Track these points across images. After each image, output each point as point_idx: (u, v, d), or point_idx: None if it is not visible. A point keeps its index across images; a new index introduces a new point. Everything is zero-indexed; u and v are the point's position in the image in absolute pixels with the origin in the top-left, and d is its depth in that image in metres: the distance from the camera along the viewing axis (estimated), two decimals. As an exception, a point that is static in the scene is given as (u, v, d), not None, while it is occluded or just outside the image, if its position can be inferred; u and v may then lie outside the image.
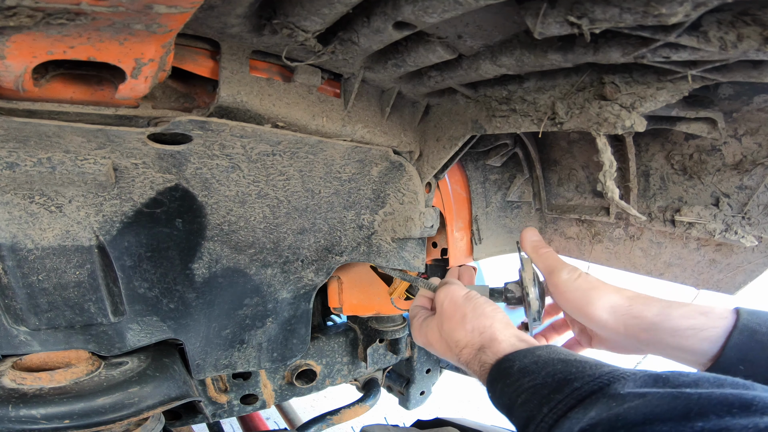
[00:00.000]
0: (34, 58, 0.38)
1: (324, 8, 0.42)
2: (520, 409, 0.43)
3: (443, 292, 0.61)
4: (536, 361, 0.46)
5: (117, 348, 0.65)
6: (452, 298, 0.60)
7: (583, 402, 0.38)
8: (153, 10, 0.33)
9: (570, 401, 0.39)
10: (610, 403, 0.36)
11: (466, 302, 0.58)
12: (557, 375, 0.43)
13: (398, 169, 0.72)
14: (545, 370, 0.44)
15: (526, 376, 0.45)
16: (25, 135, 0.47)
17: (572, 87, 0.51)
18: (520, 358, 0.48)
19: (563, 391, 0.40)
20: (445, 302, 0.59)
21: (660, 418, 0.33)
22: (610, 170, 0.44)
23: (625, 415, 0.34)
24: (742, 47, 0.36)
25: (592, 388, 0.39)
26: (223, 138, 0.55)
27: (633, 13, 0.35)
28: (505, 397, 0.46)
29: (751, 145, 0.55)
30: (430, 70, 0.58)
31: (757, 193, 0.55)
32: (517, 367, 0.47)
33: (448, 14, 0.40)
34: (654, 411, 0.34)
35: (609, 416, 0.35)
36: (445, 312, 0.59)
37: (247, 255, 0.69)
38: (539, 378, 0.44)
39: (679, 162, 0.62)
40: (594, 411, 0.37)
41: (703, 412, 0.32)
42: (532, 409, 0.42)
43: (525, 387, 0.44)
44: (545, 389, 0.42)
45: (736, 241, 0.56)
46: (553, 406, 0.40)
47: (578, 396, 0.39)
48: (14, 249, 0.53)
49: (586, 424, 0.36)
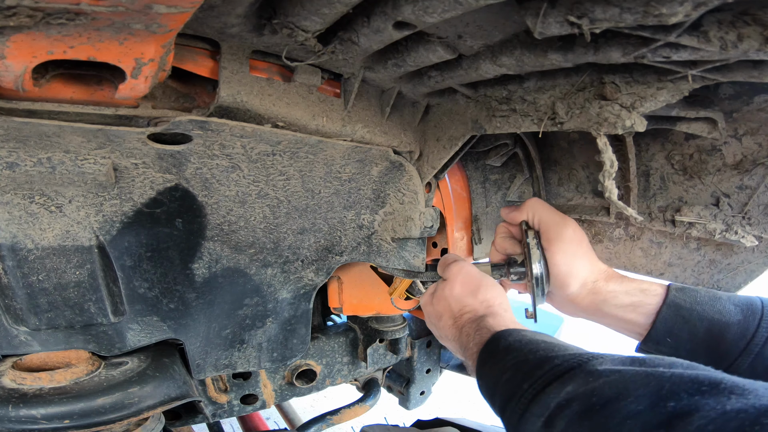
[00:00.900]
0: (34, 58, 0.38)
1: (324, 8, 0.42)
2: (503, 386, 0.45)
3: (458, 265, 0.66)
4: (520, 339, 0.50)
5: (117, 348, 0.65)
6: (467, 271, 0.66)
7: (562, 377, 0.40)
8: (153, 10, 0.33)
9: (549, 377, 0.41)
10: (587, 379, 0.38)
11: (482, 278, 0.64)
12: (539, 353, 0.45)
13: (398, 169, 0.72)
14: (528, 347, 0.47)
15: (510, 353, 0.48)
16: (25, 135, 0.47)
17: (572, 87, 0.51)
18: (505, 336, 0.52)
19: (543, 368, 0.42)
20: (461, 274, 0.65)
21: (633, 394, 0.34)
22: (610, 170, 0.44)
23: (600, 390, 0.36)
24: (743, 47, 0.36)
25: (571, 364, 0.41)
26: (223, 138, 0.55)
27: (633, 13, 0.35)
28: (491, 378, 0.49)
29: (752, 145, 0.55)
30: (430, 70, 0.58)
31: (758, 193, 0.55)
32: (502, 345, 0.50)
33: (449, 14, 0.40)
34: (627, 387, 0.35)
35: (585, 390, 0.37)
36: (459, 280, 0.64)
37: (247, 255, 0.69)
38: (521, 355, 0.46)
39: (680, 162, 0.62)
40: (571, 386, 0.38)
41: (674, 390, 0.33)
42: (513, 387, 0.44)
43: (509, 365, 0.46)
44: (527, 366, 0.44)
45: (737, 241, 0.57)
46: (533, 381, 0.41)
47: (557, 372, 0.41)
48: (14, 249, 0.53)
49: (563, 398, 0.38)
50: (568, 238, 0.62)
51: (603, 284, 0.63)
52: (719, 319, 0.56)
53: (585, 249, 0.64)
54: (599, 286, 0.63)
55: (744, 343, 0.54)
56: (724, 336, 0.55)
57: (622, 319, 0.62)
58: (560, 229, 0.63)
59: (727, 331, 0.55)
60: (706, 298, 0.58)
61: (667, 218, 0.65)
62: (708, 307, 0.57)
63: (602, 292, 0.63)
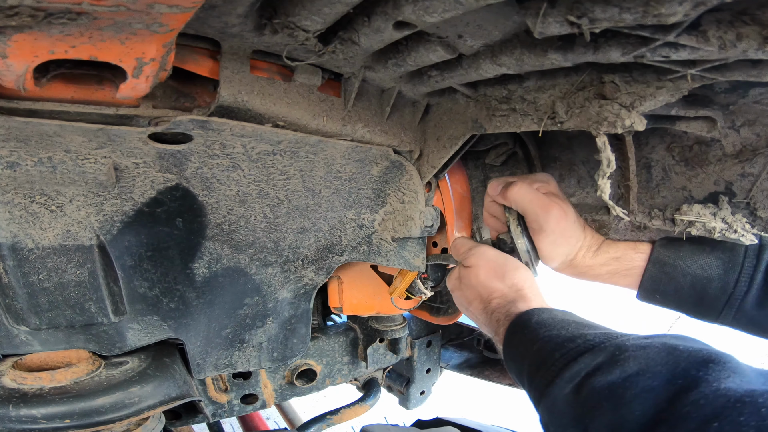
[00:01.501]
0: (36, 58, 0.38)
1: (325, 8, 0.42)
2: (534, 355, 0.48)
3: (478, 250, 0.67)
4: (552, 317, 0.51)
5: (117, 348, 0.65)
6: (488, 256, 0.66)
7: (593, 350, 0.43)
8: (154, 9, 0.33)
9: (581, 349, 0.44)
10: (615, 353, 0.41)
11: (506, 260, 0.65)
12: (570, 328, 0.48)
13: (398, 169, 0.72)
14: (560, 324, 0.50)
15: (541, 327, 0.50)
16: (26, 134, 0.47)
17: (572, 86, 0.51)
18: (538, 313, 0.53)
19: (575, 341, 0.45)
20: (482, 259, 0.66)
21: (652, 370, 0.38)
22: (606, 170, 0.44)
23: (624, 363, 0.40)
24: (742, 46, 0.36)
25: (601, 339, 0.44)
26: (223, 137, 0.55)
27: (633, 13, 0.35)
28: (521, 346, 0.51)
29: (750, 135, 0.56)
30: (431, 70, 0.58)
31: (761, 179, 0.55)
32: (534, 320, 0.52)
33: (449, 14, 0.40)
34: (648, 363, 0.39)
35: (611, 362, 0.40)
36: (483, 266, 0.65)
37: (247, 254, 0.69)
38: (554, 330, 0.49)
39: (680, 153, 0.62)
40: (601, 357, 0.42)
41: (687, 367, 0.37)
42: (544, 355, 0.46)
43: (540, 336, 0.49)
44: (559, 338, 0.47)
45: (736, 240, 0.57)
46: (564, 352, 0.45)
47: (588, 345, 0.44)
48: (15, 248, 0.53)
49: (591, 368, 0.41)
50: (550, 229, 0.63)
51: (581, 259, 0.66)
52: (701, 274, 0.57)
53: (567, 234, 0.65)
54: (578, 260, 0.66)
55: (725, 297, 0.55)
56: (706, 291, 0.57)
57: (609, 282, 0.66)
58: (542, 220, 0.63)
59: (708, 286, 0.56)
60: (689, 252, 0.59)
61: (667, 217, 0.65)
62: (690, 262, 0.58)
63: (580, 266, 0.66)
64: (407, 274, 0.85)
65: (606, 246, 0.67)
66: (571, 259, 0.66)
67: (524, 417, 2.58)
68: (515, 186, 0.65)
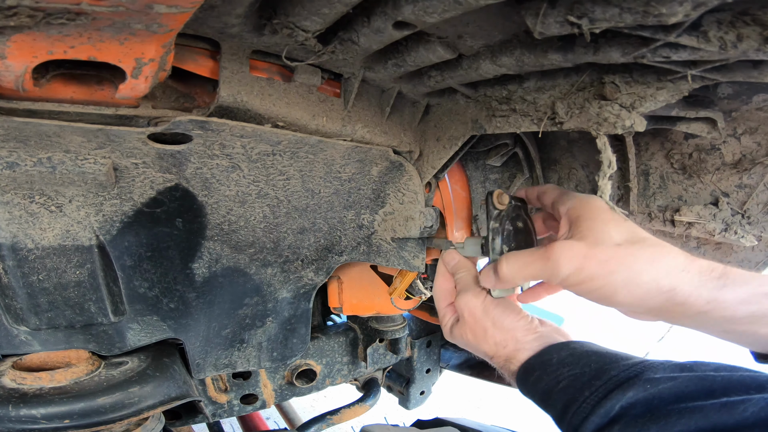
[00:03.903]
0: (35, 58, 0.38)
1: (324, 8, 0.42)
2: (560, 393, 0.48)
3: (462, 301, 0.60)
4: (572, 353, 0.51)
5: (117, 348, 0.65)
6: (471, 310, 0.59)
7: (622, 386, 0.43)
8: (153, 9, 0.33)
9: (609, 386, 0.44)
10: (646, 386, 0.42)
11: (485, 316, 0.58)
12: (593, 365, 0.48)
13: (398, 169, 0.72)
14: (582, 361, 0.49)
15: (564, 366, 0.49)
16: (25, 135, 0.47)
17: (572, 87, 0.51)
18: (557, 350, 0.52)
19: (602, 378, 0.45)
20: (465, 313, 0.60)
21: (689, 396, 0.39)
22: (607, 170, 0.44)
23: (659, 394, 0.40)
24: (742, 47, 0.36)
25: (628, 375, 0.44)
26: (223, 138, 0.55)
27: (633, 13, 0.35)
28: (542, 383, 0.50)
29: (751, 144, 0.56)
30: (430, 70, 0.58)
31: (757, 191, 0.55)
32: (555, 359, 0.51)
33: (449, 14, 0.40)
34: (684, 391, 0.40)
35: (646, 396, 0.41)
36: (468, 324, 0.60)
37: (247, 254, 0.69)
38: (577, 368, 0.48)
39: (679, 161, 0.62)
40: (632, 392, 0.42)
41: (725, 391, 0.38)
42: (573, 393, 0.46)
43: (564, 375, 0.48)
44: (585, 377, 0.47)
45: (736, 241, 0.57)
46: (593, 390, 0.44)
47: (617, 381, 0.44)
48: (14, 249, 0.53)
49: (626, 402, 0.42)
50: (582, 234, 0.47)
51: (692, 291, 0.43)
52: None
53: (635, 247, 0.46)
54: (685, 294, 0.43)
55: None
56: None
57: (733, 332, 0.44)
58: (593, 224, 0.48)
59: None
60: None
61: (666, 218, 0.65)
62: None
63: (692, 304, 0.43)
64: (407, 275, 0.85)
65: (737, 276, 0.43)
66: (670, 292, 0.43)
67: (524, 417, 2.58)
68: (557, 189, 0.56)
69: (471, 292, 0.61)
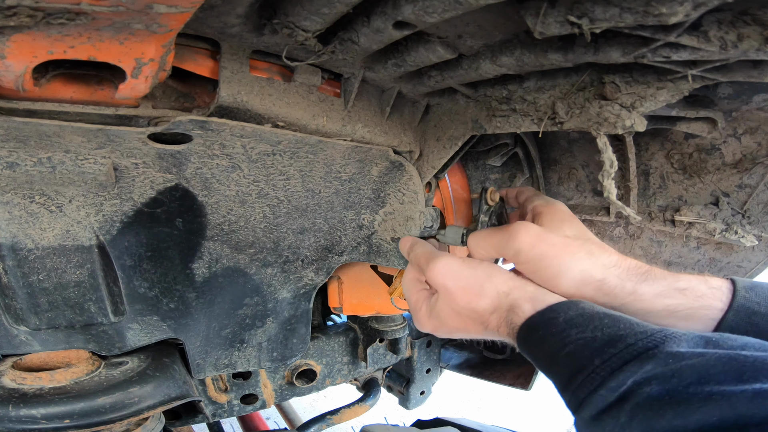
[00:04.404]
0: (35, 58, 0.38)
1: (324, 8, 0.42)
2: (566, 359, 0.42)
3: (437, 270, 0.56)
4: (581, 314, 0.45)
5: (117, 348, 0.65)
6: (454, 273, 0.55)
7: (639, 357, 0.38)
8: (153, 9, 0.33)
9: (625, 355, 0.39)
10: (668, 360, 0.37)
11: (474, 270, 0.54)
12: (605, 329, 0.42)
13: (398, 169, 0.72)
14: (593, 323, 0.43)
15: (572, 327, 0.43)
16: (25, 135, 0.47)
17: (572, 87, 0.51)
18: (564, 309, 0.46)
19: (617, 346, 0.40)
20: (448, 280, 0.55)
21: (715, 378, 0.34)
22: (610, 170, 0.44)
23: (680, 372, 0.35)
24: (743, 47, 0.36)
25: (647, 345, 0.39)
26: (223, 138, 0.55)
27: (633, 13, 0.35)
28: (545, 345, 0.44)
29: (751, 144, 0.56)
30: (430, 70, 0.58)
31: (757, 191, 0.55)
32: (562, 318, 0.45)
33: (449, 14, 0.40)
34: (710, 371, 0.34)
35: (665, 372, 0.36)
36: (453, 289, 0.54)
37: (247, 254, 0.69)
38: (587, 331, 0.42)
39: (679, 161, 0.62)
40: (650, 365, 0.37)
41: (755, 375, 0.33)
42: (581, 360, 0.41)
43: (572, 338, 0.42)
44: (596, 342, 0.41)
45: (736, 241, 0.57)
46: (606, 359, 0.39)
47: (633, 351, 0.39)
48: (14, 249, 0.53)
49: (640, 377, 0.36)
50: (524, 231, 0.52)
51: (617, 283, 0.49)
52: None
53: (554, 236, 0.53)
54: (611, 285, 0.49)
55: None
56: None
57: (662, 322, 0.48)
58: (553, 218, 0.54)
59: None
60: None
61: (666, 218, 0.65)
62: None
63: (617, 293, 0.49)
64: (407, 275, 0.85)
65: (658, 273, 0.49)
66: (600, 282, 0.50)
67: (524, 417, 2.59)
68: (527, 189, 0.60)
69: (445, 256, 0.57)
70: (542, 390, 1.23)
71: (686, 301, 0.47)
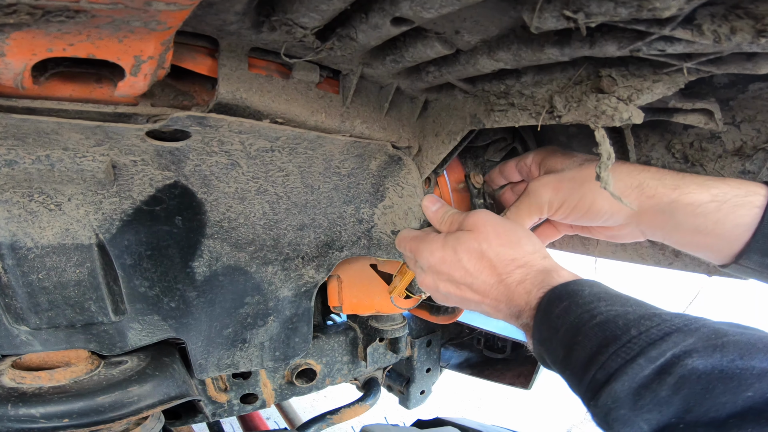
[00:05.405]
0: (34, 56, 0.38)
1: (322, 5, 0.42)
2: (596, 329, 0.39)
3: (479, 214, 0.55)
4: (606, 291, 0.43)
5: (118, 347, 0.65)
6: (496, 220, 0.54)
7: (680, 330, 0.36)
8: (152, 7, 0.34)
9: (665, 328, 0.37)
10: (710, 335, 0.35)
11: (518, 227, 0.53)
12: (636, 306, 0.40)
13: (397, 163, 0.72)
14: (620, 300, 0.42)
15: (600, 301, 0.41)
16: (23, 132, 0.47)
17: (569, 80, 0.51)
18: (588, 285, 0.44)
19: (653, 320, 0.38)
20: (488, 224, 0.53)
21: (758, 355, 0.33)
22: (607, 162, 0.44)
23: (724, 347, 0.34)
24: (736, 40, 0.37)
25: (684, 321, 0.37)
26: (221, 134, 0.56)
27: (627, 7, 0.35)
28: (570, 316, 0.42)
29: (750, 131, 0.56)
30: (428, 66, 0.58)
31: (759, 177, 0.55)
32: (587, 291, 0.43)
33: (446, 9, 0.40)
34: (752, 348, 0.34)
35: (707, 345, 0.34)
36: (491, 231, 0.52)
37: (247, 252, 0.69)
38: (617, 305, 0.41)
39: (680, 151, 0.62)
40: (693, 339, 0.35)
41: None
42: (614, 330, 0.38)
43: (601, 310, 0.40)
44: (630, 315, 0.39)
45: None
46: (643, 330, 0.37)
47: (672, 326, 0.37)
48: (14, 247, 0.53)
49: (681, 349, 0.35)
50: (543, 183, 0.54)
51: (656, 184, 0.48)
52: None
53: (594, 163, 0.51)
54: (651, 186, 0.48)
55: None
56: None
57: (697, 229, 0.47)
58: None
59: None
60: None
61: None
62: None
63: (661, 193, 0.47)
64: (407, 273, 0.85)
65: (690, 173, 0.49)
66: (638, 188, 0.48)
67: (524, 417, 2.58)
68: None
69: (486, 211, 0.57)
70: (542, 390, 1.23)
71: (731, 190, 0.46)
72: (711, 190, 0.47)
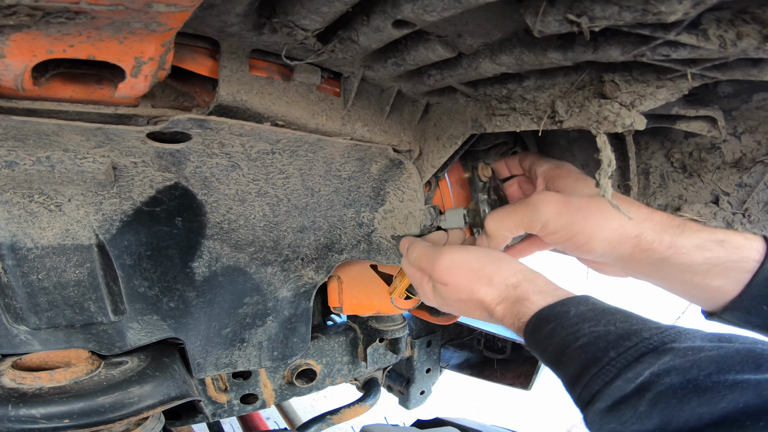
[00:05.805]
0: (34, 57, 0.38)
1: (324, 7, 0.42)
2: (578, 351, 0.42)
3: (441, 268, 0.55)
4: (592, 309, 0.45)
5: (117, 347, 0.65)
6: (458, 266, 0.54)
7: (656, 350, 0.38)
8: (153, 8, 0.33)
9: (642, 348, 0.39)
10: (686, 352, 0.37)
11: (483, 259, 0.53)
12: (619, 324, 0.42)
13: (398, 167, 0.72)
14: (605, 318, 0.43)
15: (585, 321, 0.43)
16: (24, 133, 0.47)
17: (572, 85, 0.51)
18: (575, 303, 0.46)
19: (632, 339, 0.40)
20: (455, 272, 0.54)
21: (735, 368, 0.34)
22: (607, 169, 0.44)
23: (699, 363, 0.35)
24: (742, 45, 0.36)
25: (663, 339, 0.39)
26: (222, 136, 0.55)
27: (632, 11, 0.35)
28: (556, 338, 0.44)
29: (751, 142, 0.56)
30: (430, 69, 0.58)
31: (756, 190, 0.55)
32: (573, 312, 0.44)
33: (448, 12, 0.40)
34: (728, 362, 0.35)
35: (683, 363, 0.36)
36: (460, 279, 0.53)
37: (247, 253, 0.69)
38: (600, 325, 0.42)
39: (679, 160, 0.62)
40: (668, 357, 0.37)
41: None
42: (595, 352, 0.40)
43: (585, 332, 0.42)
44: (610, 335, 0.41)
45: (736, 240, 0.56)
46: (621, 351, 0.39)
47: (649, 345, 0.39)
48: (14, 248, 0.53)
49: (659, 368, 0.36)
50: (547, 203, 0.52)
51: (654, 237, 0.48)
52: None
53: (579, 199, 0.51)
54: (649, 240, 0.48)
55: None
56: None
57: (688, 283, 0.48)
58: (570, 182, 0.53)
59: None
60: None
61: (666, 217, 0.65)
62: None
63: (655, 248, 0.48)
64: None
65: (693, 226, 0.49)
66: (636, 238, 0.48)
67: (524, 417, 2.58)
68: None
69: (446, 252, 0.56)
70: (542, 390, 1.23)
71: (725, 254, 0.46)
72: (705, 253, 0.47)
